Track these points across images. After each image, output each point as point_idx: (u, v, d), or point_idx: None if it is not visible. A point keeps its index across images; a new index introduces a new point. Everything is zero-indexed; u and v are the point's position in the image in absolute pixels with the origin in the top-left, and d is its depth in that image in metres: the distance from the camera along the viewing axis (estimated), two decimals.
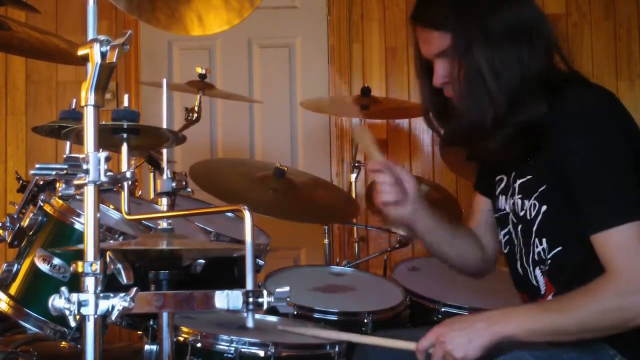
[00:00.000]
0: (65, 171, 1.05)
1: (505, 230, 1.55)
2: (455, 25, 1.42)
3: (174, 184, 1.46)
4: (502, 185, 1.55)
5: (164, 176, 1.46)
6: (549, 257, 1.44)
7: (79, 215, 1.77)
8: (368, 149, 1.65)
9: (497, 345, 1.35)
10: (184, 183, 1.50)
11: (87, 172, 1.05)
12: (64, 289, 1.03)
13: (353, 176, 3.04)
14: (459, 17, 1.42)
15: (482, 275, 1.75)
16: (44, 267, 1.74)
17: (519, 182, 1.49)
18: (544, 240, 1.44)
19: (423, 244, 1.68)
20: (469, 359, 1.34)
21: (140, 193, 2.70)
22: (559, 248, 1.42)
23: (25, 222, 1.83)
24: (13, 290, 1.78)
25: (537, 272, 1.47)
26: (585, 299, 1.31)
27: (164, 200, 1.45)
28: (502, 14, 1.42)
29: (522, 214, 1.48)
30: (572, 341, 1.36)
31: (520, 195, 1.48)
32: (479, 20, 1.41)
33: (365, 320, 2.01)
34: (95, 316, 1.05)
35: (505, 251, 1.56)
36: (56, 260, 1.74)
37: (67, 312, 1.03)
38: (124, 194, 1.35)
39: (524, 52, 1.40)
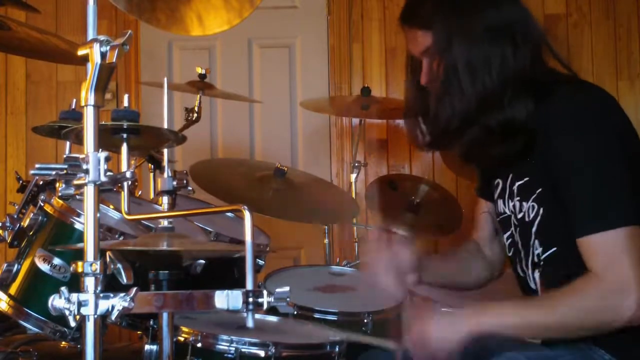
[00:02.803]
0: (65, 171, 1.05)
1: (508, 233, 1.55)
2: (437, 24, 1.43)
3: (174, 183, 1.46)
4: (499, 189, 1.55)
5: (165, 175, 1.46)
6: (542, 258, 1.44)
7: (79, 215, 1.77)
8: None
9: (480, 338, 1.36)
10: (184, 182, 1.49)
11: (87, 172, 1.05)
12: (64, 289, 1.03)
13: (353, 176, 3.05)
14: (441, 16, 1.44)
15: (487, 284, 1.79)
16: (44, 267, 1.74)
17: (517, 184, 1.48)
18: (541, 242, 1.44)
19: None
20: (447, 343, 1.36)
21: (140, 193, 2.70)
22: (554, 249, 1.42)
23: (25, 222, 1.82)
24: (13, 290, 1.78)
25: (536, 275, 1.47)
26: (567, 298, 1.32)
27: (165, 199, 1.44)
28: (484, 14, 1.42)
29: (520, 216, 1.48)
30: (558, 339, 1.37)
31: (518, 198, 1.48)
32: (460, 19, 1.42)
33: (365, 320, 2.01)
34: (95, 316, 1.05)
35: (510, 254, 1.56)
36: (56, 260, 1.74)
37: (67, 312, 1.03)
38: (124, 194, 1.35)
39: (505, 52, 1.40)
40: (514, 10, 1.45)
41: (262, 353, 1.66)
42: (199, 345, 1.69)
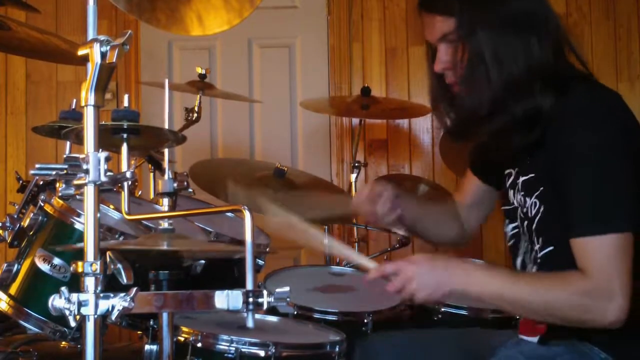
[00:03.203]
0: (65, 171, 1.05)
1: (515, 224, 1.55)
2: (461, 9, 1.43)
3: (175, 185, 1.46)
4: (511, 179, 1.55)
5: (165, 177, 1.46)
6: (539, 256, 1.44)
7: (79, 215, 1.77)
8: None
9: (479, 338, 1.38)
10: (185, 183, 1.49)
11: (87, 172, 1.05)
12: (64, 289, 1.03)
13: (353, 176, 3.04)
14: (464, 2, 1.44)
15: (455, 247, 1.87)
16: (44, 267, 1.74)
17: (521, 179, 1.49)
18: (540, 239, 1.45)
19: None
20: (429, 300, 1.40)
21: (140, 193, 2.70)
22: (551, 247, 1.42)
23: (26, 222, 1.82)
24: (13, 290, 1.78)
25: (534, 270, 1.47)
26: (556, 285, 1.34)
27: (165, 201, 1.44)
28: (508, 3, 1.43)
29: (524, 210, 1.48)
30: (537, 320, 1.39)
31: (523, 193, 1.48)
32: (487, 6, 1.42)
33: (365, 320, 2.01)
34: (95, 316, 1.05)
35: (510, 244, 1.56)
36: (56, 260, 1.74)
37: (67, 312, 1.03)
38: (124, 194, 1.35)
39: (530, 43, 1.40)
40: (537, 3, 1.46)
41: (262, 353, 1.66)
42: (199, 345, 1.69)
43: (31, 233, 1.81)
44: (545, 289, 1.34)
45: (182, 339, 1.70)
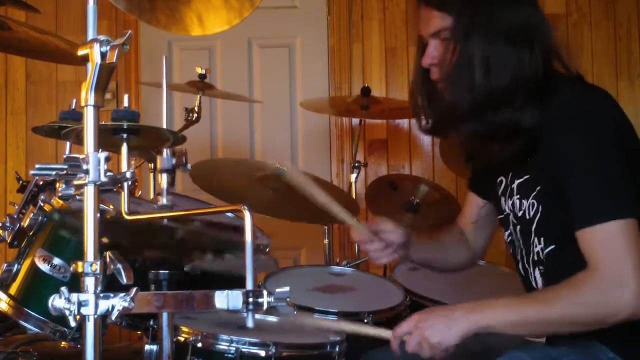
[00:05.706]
0: (65, 171, 1.05)
1: (509, 231, 1.55)
2: (461, 10, 1.43)
3: (173, 161, 1.44)
4: (502, 186, 1.56)
5: (164, 154, 1.44)
6: (543, 255, 1.44)
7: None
8: (338, 215, 1.69)
9: (484, 338, 1.36)
10: (183, 159, 1.47)
11: (87, 172, 1.05)
12: (64, 289, 1.03)
13: (353, 176, 3.05)
14: (467, 3, 1.43)
15: (465, 269, 1.86)
16: (44, 267, 1.74)
17: (516, 182, 1.49)
18: (542, 239, 1.45)
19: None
20: (444, 345, 1.35)
21: (140, 193, 2.70)
22: (553, 246, 1.42)
23: (26, 222, 1.82)
24: (13, 290, 1.78)
25: (537, 273, 1.48)
26: (566, 293, 1.32)
27: (164, 177, 1.43)
28: (510, 13, 1.42)
29: (520, 214, 1.48)
30: (559, 334, 1.37)
31: (518, 196, 1.49)
32: (487, 12, 1.42)
33: (365, 320, 2.01)
34: (95, 316, 1.05)
35: (510, 251, 1.57)
36: (56, 260, 1.73)
37: (67, 312, 1.03)
38: (124, 194, 1.35)
39: (522, 55, 1.40)
40: (534, 14, 1.45)
41: (262, 353, 1.66)
42: (199, 345, 1.69)
43: (31, 233, 1.81)
44: (556, 301, 1.32)
45: (182, 339, 1.70)
